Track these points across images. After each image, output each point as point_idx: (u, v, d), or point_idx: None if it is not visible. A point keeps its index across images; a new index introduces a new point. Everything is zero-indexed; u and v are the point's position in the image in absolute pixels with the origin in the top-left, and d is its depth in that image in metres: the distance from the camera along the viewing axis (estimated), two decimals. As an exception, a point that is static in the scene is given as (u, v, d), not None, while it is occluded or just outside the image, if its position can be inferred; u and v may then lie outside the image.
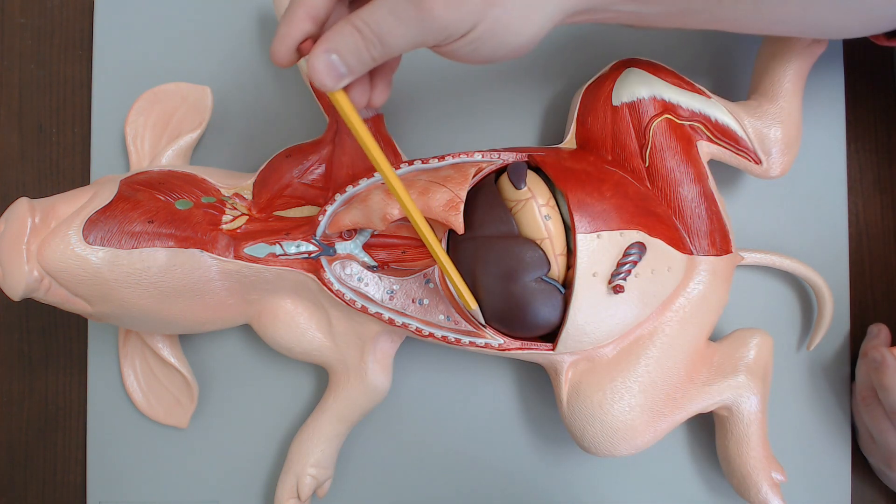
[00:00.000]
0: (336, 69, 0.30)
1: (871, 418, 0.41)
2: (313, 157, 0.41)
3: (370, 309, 0.38)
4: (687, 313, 0.40)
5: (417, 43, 0.30)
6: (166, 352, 0.43)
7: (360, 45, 0.30)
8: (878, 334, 0.43)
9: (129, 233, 0.36)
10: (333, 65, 0.30)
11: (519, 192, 0.38)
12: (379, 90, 0.34)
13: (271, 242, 0.38)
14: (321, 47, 0.30)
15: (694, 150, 0.40)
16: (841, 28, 0.35)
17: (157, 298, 0.38)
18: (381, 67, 0.34)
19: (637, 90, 0.39)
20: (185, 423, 0.44)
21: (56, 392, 0.46)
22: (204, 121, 0.44)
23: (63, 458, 0.46)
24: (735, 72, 0.45)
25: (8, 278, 0.36)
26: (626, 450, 0.39)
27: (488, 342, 0.38)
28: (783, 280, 0.45)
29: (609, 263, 0.37)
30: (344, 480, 0.45)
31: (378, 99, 0.35)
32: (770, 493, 0.40)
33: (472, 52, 0.31)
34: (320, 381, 0.45)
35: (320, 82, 0.30)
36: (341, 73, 0.30)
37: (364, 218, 0.37)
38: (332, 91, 0.31)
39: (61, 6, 0.47)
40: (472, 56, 0.32)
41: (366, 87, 0.34)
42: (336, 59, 0.30)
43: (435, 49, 0.31)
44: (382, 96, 0.35)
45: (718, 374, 0.40)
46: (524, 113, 0.46)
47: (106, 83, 0.46)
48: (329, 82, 0.31)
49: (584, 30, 0.45)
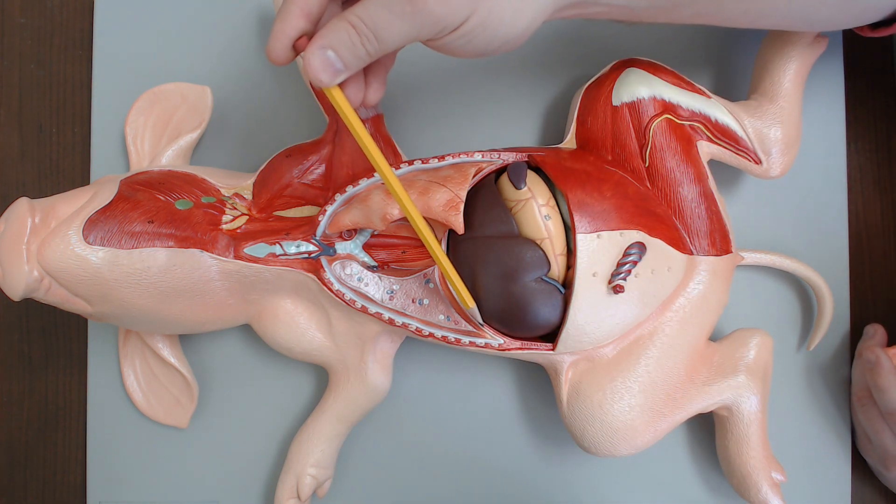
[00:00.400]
0: (332, 65, 0.30)
1: (866, 419, 0.41)
2: (313, 157, 0.41)
3: (370, 309, 0.38)
4: (687, 313, 0.40)
5: (412, 37, 0.30)
6: (166, 352, 0.43)
7: (356, 40, 0.30)
8: (874, 335, 0.43)
9: (129, 233, 0.36)
10: (329, 61, 0.30)
11: (519, 192, 0.38)
12: (374, 88, 0.35)
13: (271, 242, 0.38)
14: (317, 43, 0.30)
15: (694, 150, 0.40)
16: (826, 20, 0.35)
17: (157, 298, 0.38)
18: (376, 65, 0.34)
19: (637, 90, 0.39)
20: (185, 423, 0.44)
21: (56, 392, 0.46)
22: (204, 121, 0.44)
23: (63, 458, 0.46)
24: (735, 72, 0.45)
25: (8, 278, 0.36)
26: (626, 450, 0.39)
27: (488, 342, 0.38)
28: (783, 280, 0.45)
29: (609, 263, 0.37)
30: (344, 480, 0.45)
31: (373, 97, 0.35)
32: (770, 493, 0.40)
33: (465, 45, 0.31)
34: (320, 381, 0.45)
35: (316, 78, 0.31)
36: (337, 69, 0.31)
37: (364, 218, 0.37)
38: (328, 87, 0.31)
39: (61, 6, 0.47)
40: (465, 49, 0.32)
41: (361, 84, 0.34)
42: (332, 55, 0.30)
43: (428, 43, 0.32)
44: (377, 94, 0.35)
45: (718, 374, 0.40)
46: (524, 113, 0.46)
47: (106, 83, 0.46)
48: (325, 78, 0.31)
49: (584, 30, 0.45)
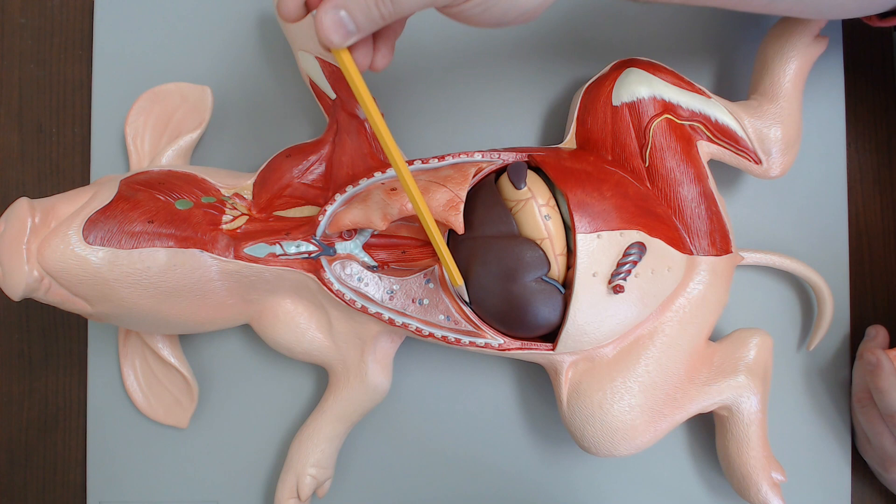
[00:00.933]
0: (344, 26, 0.30)
1: (866, 420, 0.41)
2: (313, 157, 0.41)
3: (370, 309, 0.38)
4: (687, 313, 0.40)
5: (428, 2, 0.30)
6: (166, 352, 0.43)
7: (371, 2, 0.29)
8: (876, 336, 0.43)
9: (129, 233, 0.36)
10: (342, 21, 0.30)
11: (519, 192, 0.38)
12: (382, 53, 0.34)
13: (271, 242, 0.38)
14: (330, 2, 0.29)
15: (694, 150, 0.40)
16: (837, 6, 0.35)
17: (157, 298, 0.38)
18: (386, 30, 0.34)
19: (637, 90, 0.39)
20: (185, 423, 0.44)
21: (56, 392, 0.46)
22: (204, 121, 0.44)
23: (63, 458, 0.46)
24: (735, 72, 0.45)
25: (8, 278, 0.36)
26: (626, 450, 0.39)
27: (488, 342, 0.38)
28: (783, 280, 0.45)
29: (609, 263, 0.37)
30: (344, 480, 0.45)
31: (381, 62, 0.34)
32: (770, 493, 0.40)
33: (482, 14, 0.31)
34: (320, 381, 0.45)
35: (327, 38, 0.30)
36: (349, 30, 0.30)
37: (364, 218, 0.37)
38: (337, 48, 0.30)
39: (61, 6, 0.47)
40: (482, 17, 0.31)
41: (369, 49, 0.33)
42: (345, 15, 0.30)
43: (445, 10, 0.31)
44: (385, 60, 0.34)
45: (718, 374, 0.40)
46: (524, 113, 0.46)
47: (106, 83, 0.46)
48: (336, 39, 0.30)
49: (584, 30, 0.45)
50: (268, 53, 0.46)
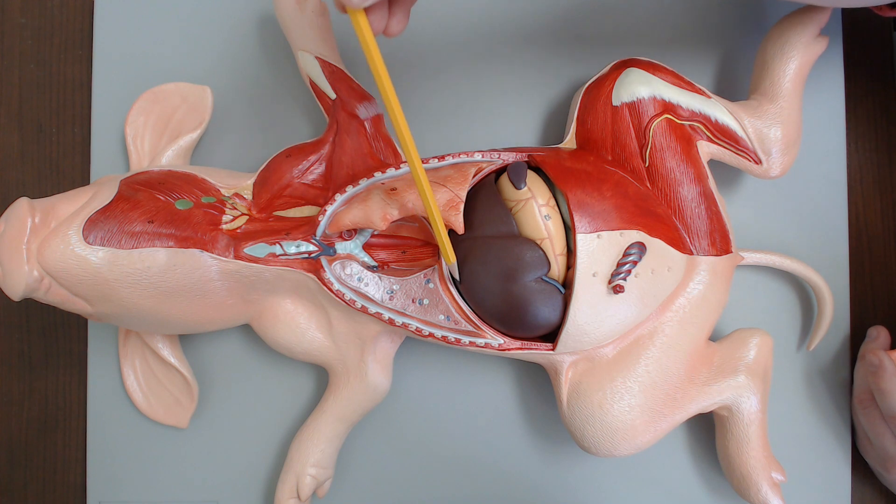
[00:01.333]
0: None
1: (867, 421, 0.41)
2: (313, 157, 0.41)
3: (370, 309, 0.38)
4: (687, 313, 0.40)
5: None
6: (166, 352, 0.43)
7: None
8: (877, 337, 0.43)
9: (129, 233, 0.36)
10: None
11: (519, 192, 0.38)
12: (397, 18, 0.33)
13: (271, 242, 0.38)
14: None
15: (694, 150, 0.40)
16: None
17: (157, 298, 0.38)
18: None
19: (637, 90, 0.39)
20: (185, 423, 0.44)
21: (56, 392, 0.46)
22: (204, 121, 0.44)
23: (63, 458, 0.46)
24: (735, 72, 0.45)
25: (8, 278, 0.36)
26: (626, 450, 0.39)
27: (488, 342, 0.38)
28: (783, 280, 0.45)
29: (609, 263, 0.37)
30: (344, 480, 0.45)
31: (395, 27, 0.33)
32: (770, 493, 0.40)
33: None
34: (320, 381, 0.45)
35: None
36: None
37: (364, 218, 0.37)
38: (355, 9, 0.30)
39: (61, 6, 0.47)
40: None
41: (385, 12, 0.32)
42: None
43: None
44: (399, 26, 0.33)
45: (718, 374, 0.40)
46: (524, 113, 0.46)
47: (106, 83, 0.46)
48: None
49: (584, 30, 0.45)
50: (268, 53, 0.46)
